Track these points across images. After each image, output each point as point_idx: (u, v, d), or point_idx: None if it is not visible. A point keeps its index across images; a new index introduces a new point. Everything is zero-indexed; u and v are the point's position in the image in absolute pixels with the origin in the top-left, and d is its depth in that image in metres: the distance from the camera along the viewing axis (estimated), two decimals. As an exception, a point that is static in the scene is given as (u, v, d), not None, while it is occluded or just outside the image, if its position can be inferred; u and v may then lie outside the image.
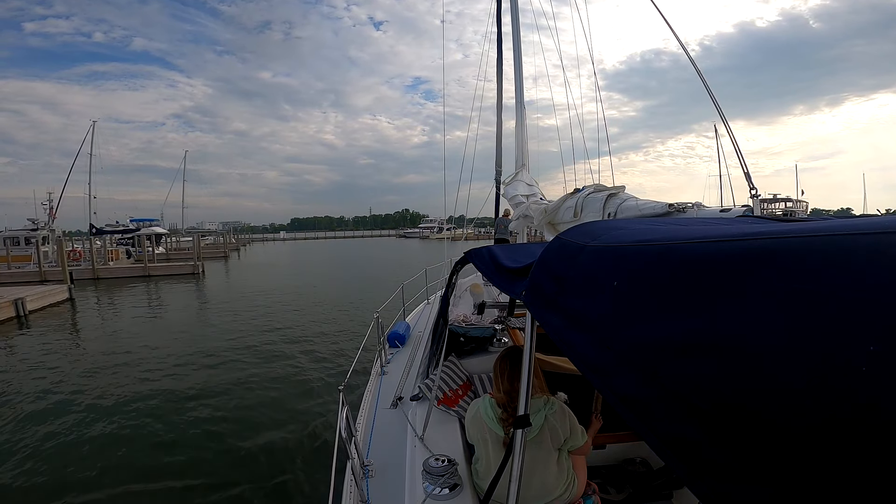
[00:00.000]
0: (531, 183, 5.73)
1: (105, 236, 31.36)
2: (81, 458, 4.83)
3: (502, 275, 1.43)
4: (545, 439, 1.70)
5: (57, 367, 8.15)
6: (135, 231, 39.54)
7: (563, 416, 1.77)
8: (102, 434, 5.41)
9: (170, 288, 19.86)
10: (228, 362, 8.12)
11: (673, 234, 0.82)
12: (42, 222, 27.70)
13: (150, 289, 19.77)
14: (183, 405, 6.18)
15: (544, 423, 1.71)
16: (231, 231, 77.59)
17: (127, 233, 36.70)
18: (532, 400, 1.75)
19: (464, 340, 3.09)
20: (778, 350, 0.47)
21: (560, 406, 1.79)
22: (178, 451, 4.99)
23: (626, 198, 3.25)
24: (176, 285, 20.54)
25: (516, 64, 6.57)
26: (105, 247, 27.49)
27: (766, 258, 0.55)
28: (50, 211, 29.92)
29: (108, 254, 27.22)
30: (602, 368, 0.72)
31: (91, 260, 23.98)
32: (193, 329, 11.32)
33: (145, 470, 4.62)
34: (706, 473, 0.52)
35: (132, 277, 23.21)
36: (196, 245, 27.98)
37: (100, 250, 26.49)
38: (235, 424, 5.62)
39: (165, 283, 21.47)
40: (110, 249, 28.16)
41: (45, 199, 30.16)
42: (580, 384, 2.30)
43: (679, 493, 2.45)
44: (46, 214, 29.31)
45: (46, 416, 5.91)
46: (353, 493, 1.89)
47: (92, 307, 15.69)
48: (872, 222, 0.53)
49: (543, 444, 1.70)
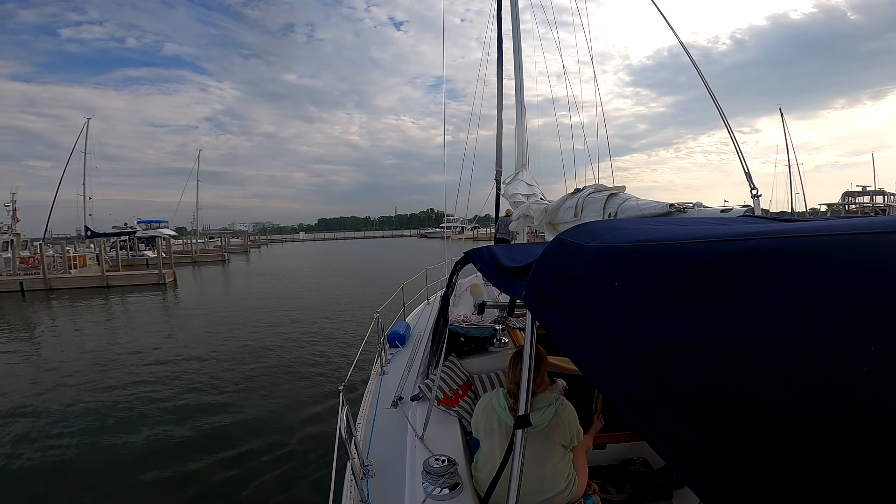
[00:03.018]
0: (531, 183, 5.73)
1: (100, 240, 28.90)
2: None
3: (502, 275, 1.43)
4: (553, 433, 1.74)
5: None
6: (131, 233, 38.33)
7: (573, 415, 1.82)
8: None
9: (121, 302, 16.74)
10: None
11: (673, 234, 0.82)
12: (5, 225, 23.95)
13: (94, 304, 16.22)
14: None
15: (554, 417, 1.75)
16: (247, 232, 79.76)
17: (122, 235, 35.14)
18: (543, 395, 1.79)
19: (464, 340, 3.09)
20: (778, 350, 0.47)
21: (569, 405, 1.83)
22: (176, 450, 5.00)
23: (626, 198, 3.25)
24: (130, 299, 17.29)
25: (516, 64, 6.57)
26: (63, 253, 23.08)
27: (766, 258, 0.55)
28: (13, 213, 25.40)
29: (70, 261, 22.88)
30: (602, 368, 0.72)
31: (42, 269, 19.96)
32: (76, 378, 7.65)
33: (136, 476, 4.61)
34: (707, 473, 0.52)
35: (89, 289, 19.57)
36: (159, 250, 24.28)
37: (58, 257, 22.64)
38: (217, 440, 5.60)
39: (124, 295, 18.05)
40: (73, 255, 23.69)
41: (8, 200, 25.50)
42: (580, 384, 2.30)
43: (679, 493, 2.45)
44: (10, 217, 25.09)
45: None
46: (353, 493, 1.89)
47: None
48: (872, 222, 0.53)
49: (550, 437, 1.73)
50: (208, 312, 13.91)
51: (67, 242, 29.68)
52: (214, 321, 12.40)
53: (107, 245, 28.14)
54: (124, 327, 12.43)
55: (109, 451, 5.08)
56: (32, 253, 22.82)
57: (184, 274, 26.41)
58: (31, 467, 4.81)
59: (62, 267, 22.20)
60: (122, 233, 37.06)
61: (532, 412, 1.59)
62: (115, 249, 27.89)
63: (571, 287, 0.90)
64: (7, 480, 4.59)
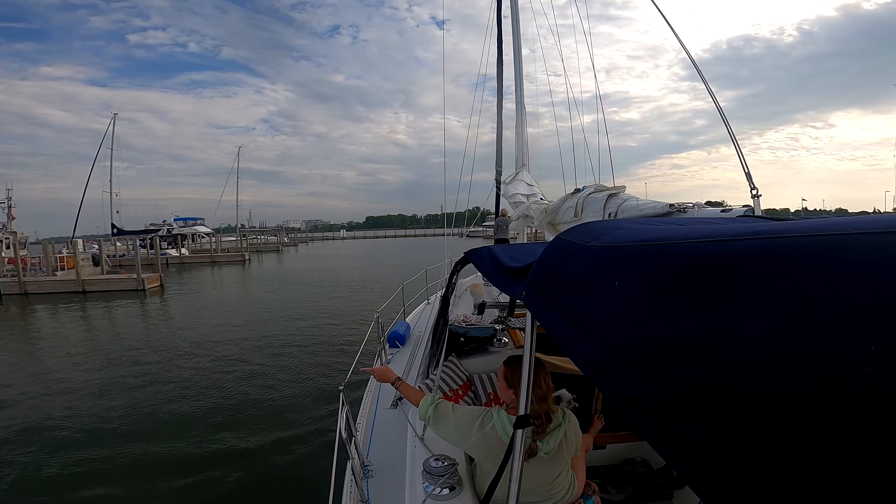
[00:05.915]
0: (531, 183, 5.74)
1: (125, 237, 28.51)
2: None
3: (503, 275, 1.43)
4: (562, 453, 1.66)
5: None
6: (154, 231, 37.87)
7: (576, 426, 1.75)
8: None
9: (92, 309, 15.14)
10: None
11: (674, 233, 0.82)
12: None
13: (60, 312, 14.75)
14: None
15: (563, 439, 1.64)
16: (282, 230, 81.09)
17: (147, 233, 34.59)
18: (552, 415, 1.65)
19: (464, 340, 3.09)
20: (778, 350, 0.47)
21: (573, 417, 1.76)
22: (173, 450, 5.00)
23: (626, 198, 3.25)
24: (99, 307, 15.49)
25: (516, 64, 6.58)
26: (50, 253, 21.14)
27: (766, 258, 0.55)
28: (8, 211, 24.54)
29: (59, 262, 20.97)
30: (603, 368, 0.72)
31: (17, 272, 18.58)
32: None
33: (135, 467, 4.59)
34: (708, 473, 0.52)
35: (65, 294, 18.07)
36: (137, 253, 21.00)
37: (43, 259, 20.76)
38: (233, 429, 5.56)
39: (98, 302, 16.41)
40: (64, 256, 21.65)
41: (3, 198, 24.20)
42: (581, 384, 2.30)
43: (679, 493, 2.45)
44: (5, 215, 24.12)
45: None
46: (353, 493, 1.89)
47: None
48: (872, 222, 0.53)
49: (558, 456, 1.65)
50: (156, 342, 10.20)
51: (94, 241, 27.98)
52: (168, 355, 9.00)
53: (129, 243, 26.80)
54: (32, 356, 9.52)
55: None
56: (34, 254, 22.00)
57: (193, 276, 24.97)
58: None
59: (47, 269, 20.43)
60: (147, 231, 36.91)
61: (541, 442, 1.56)
62: (135, 247, 25.80)
63: (572, 287, 0.90)
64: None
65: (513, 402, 1.65)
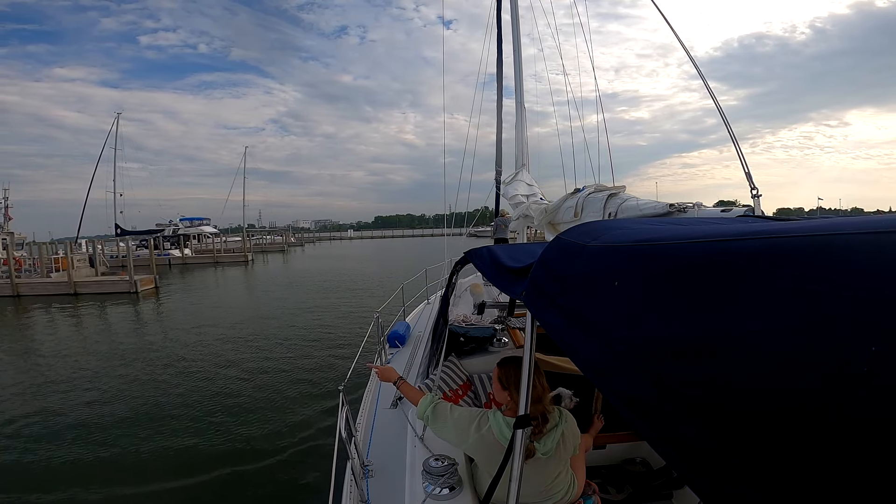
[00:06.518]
0: (531, 183, 5.74)
1: (127, 238, 27.93)
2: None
3: (502, 275, 1.42)
4: (560, 453, 1.66)
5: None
6: (158, 232, 37.78)
7: (574, 426, 1.74)
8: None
9: (82, 312, 14.81)
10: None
11: (674, 233, 0.82)
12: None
13: (53, 315, 14.50)
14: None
15: (560, 439, 1.64)
16: (290, 230, 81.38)
17: (151, 233, 34.35)
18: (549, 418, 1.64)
19: (464, 340, 3.09)
20: (779, 350, 0.47)
21: (571, 417, 1.76)
22: (172, 448, 5.00)
23: (626, 198, 3.25)
24: (89, 310, 15.23)
25: (516, 64, 6.58)
26: (43, 254, 20.78)
27: (766, 258, 0.55)
28: (5, 211, 24.26)
29: (53, 263, 20.65)
30: (603, 368, 0.72)
31: (10, 273, 18.21)
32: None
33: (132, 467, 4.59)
34: (708, 473, 0.52)
35: (57, 296, 17.84)
36: (130, 254, 20.31)
37: (37, 260, 20.31)
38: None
39: (89, 305, 16.09)
40: (57, 257, 21.30)
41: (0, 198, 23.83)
42: (581, 384, 2.30)
43: (679, 493, 2.45)
44: (2, 216, 23.87)
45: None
46: (353, 492, 1.89)
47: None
48: (872, 222, 0.52)
49: (556, 456, 1.65)
50: (152, 345, 10.09)
51: (98, 241, 27.62)
52: (155, 362, 8.71)
53: (133, 244, 26.48)
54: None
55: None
56: (29, 254, 21.58)
57: (193, 278, 24.42)
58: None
59: (41, 271, 20.20)
60: (150, 231, 36.71)
61: (539, 443, 1.56)
62: (128, 248, 25.25)
63: (572, 287, 0.90)
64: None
65: (508, 403, 1.65)
